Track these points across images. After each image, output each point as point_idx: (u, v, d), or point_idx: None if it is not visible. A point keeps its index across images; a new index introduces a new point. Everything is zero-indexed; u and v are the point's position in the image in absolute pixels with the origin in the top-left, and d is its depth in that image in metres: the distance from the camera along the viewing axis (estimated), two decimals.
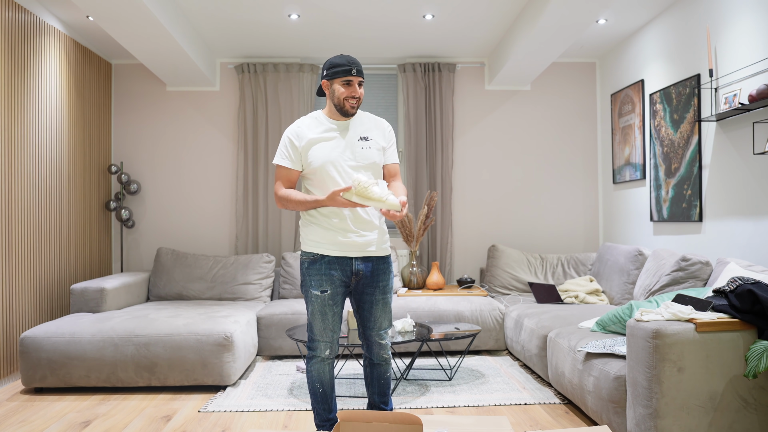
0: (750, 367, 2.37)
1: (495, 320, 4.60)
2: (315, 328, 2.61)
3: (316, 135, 2.60)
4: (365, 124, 2.68)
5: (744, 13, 3.59)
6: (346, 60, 2.57)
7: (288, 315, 4.52)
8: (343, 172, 2.57)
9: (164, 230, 5.66)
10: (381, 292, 2.66)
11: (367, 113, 2.74)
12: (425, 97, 5.63)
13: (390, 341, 2.78)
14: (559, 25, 4.15)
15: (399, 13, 4.61)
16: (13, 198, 4.00)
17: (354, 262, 2.59)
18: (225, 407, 3.43)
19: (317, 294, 2.58)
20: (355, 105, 2.58)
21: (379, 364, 2.77)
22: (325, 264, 2.58)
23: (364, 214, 2.60)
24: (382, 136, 2.68)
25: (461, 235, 5.77)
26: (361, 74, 2.58)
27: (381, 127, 2.71)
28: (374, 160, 2.63)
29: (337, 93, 2.57)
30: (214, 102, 5.70)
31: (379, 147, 2.65)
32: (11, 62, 3.98)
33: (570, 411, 3.34)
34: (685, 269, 3.60)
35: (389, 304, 2.70)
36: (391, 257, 2.73)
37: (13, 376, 4.02)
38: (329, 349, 2.63)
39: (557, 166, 5.82)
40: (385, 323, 2.71)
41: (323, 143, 2.59)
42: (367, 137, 2.63)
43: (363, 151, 2.60)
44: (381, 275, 2.65)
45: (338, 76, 2.55)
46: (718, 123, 3.87)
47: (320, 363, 2.64)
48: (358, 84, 2.58)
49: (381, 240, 2.66)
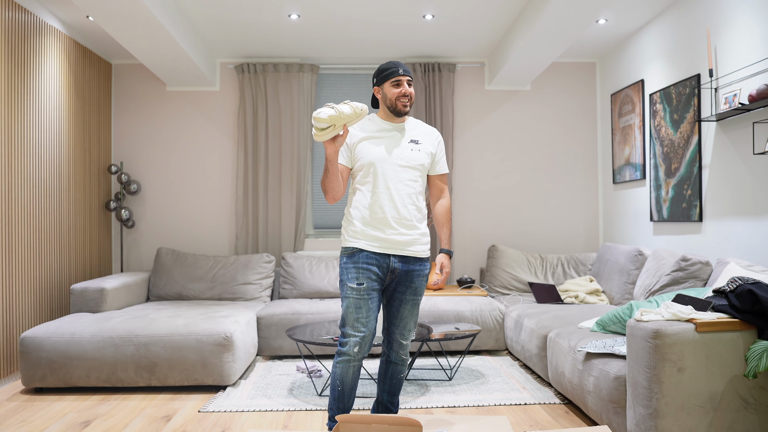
0: (750, 367, 2.37)
1: (495, 320, 4.60)
2: (348, 322, 2.60)
3: (368, 133, 2.68)
4: (417, 130, 2.76)
5: (744, 13, 3.59)
6: (392, 63, 2.69)
7: (288, 315, 4.52)
8: (391, 170, 2.64)
9: (164, 230, 5.66)
10: (413, 293, 2.70)
11: (420, 121, 2.82)
12: (425, 97, 5.63)
13: (411, 343, 2.80)
14: (559, 25, 4.15)
15: (399, 13, 4.61)
16: (13, 198, 4.00)
17: (392, 260, 2.63)
18: (225, 407, 3.43)
19: (353, 287, 2.59)
20: (407, 103, 2.67)
21: (395, 363, 2.79)
22: (363, 258, 2.61)
23: (405, 213, 2.64)
24: (432, 143, 2.76)
25: (461, 235, 5.77)
26: (408, 73, 2.69)
27: (432, 135, 2.79)
28: (422, 162, 2.71)
29: (389, 94, 2.67)
30: (214, 102, 5.70)
31: (428, 152, 2.73)
32: (11, 62, 3.98)
33: (570, 411, 3.34)
34: (685, 269, 3.60)
35: (418, 307, 2.74)
36: (429, 261, 2.76)
37: (13, 376, 4.02)
38: (358, 346, 2.59)
39: (557, 166, 5.82)
40: (411, 324, 2.75)
41: (374, 141, 2.66)
42: (417, 140, 2.71)
43: (412, 153, 2.68)
44: (416, 277, 2.69)
45: (387, 79, 2.66)
46: (718, 123, 3.87)
47: (346, 363, 2.61)
48: (407, 83, 2.67)
49: (421, 241, 2.69)
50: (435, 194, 2.84)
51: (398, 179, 2.64)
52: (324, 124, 2.41)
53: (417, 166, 2.68)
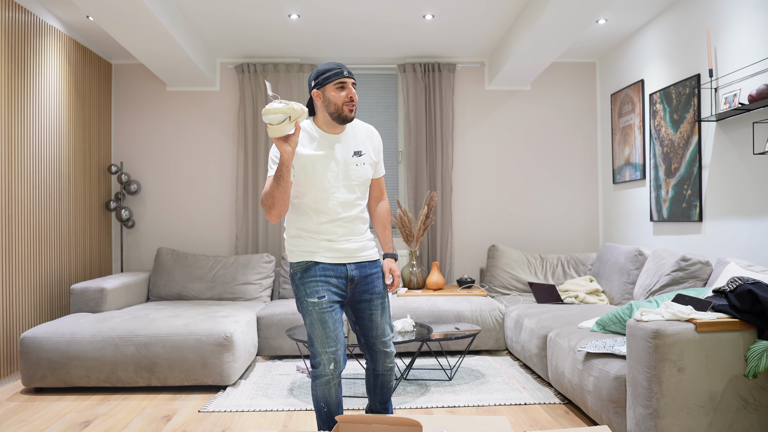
0: (750, 367, 2.37)
1: (495, 320, 4.60)
2: (316, 341, 2.43)
3: (310, 150, 2.45)
4: (358, 135, 2.55)
5: (744, 13, 3.59)
6: (334, 64, 2.46)
7: (288, 315, 4.52)
8: (337, 191, 2.47)
9: (164, 230, 5.66)
10: (379, 297, 2.57)
11: (355, 119, 2.58)
12: (425, 97, 5.63)
13: (395, 349, 2.67)
14: (559, 25, 4.15)
15: (399, 13, 4.61)
16: (13, 198, 4.00)
17: (348, 268, 2.50)
18: (225, 407, 3.43)
19: (314, 301, 2.42)
20: (353, 108, 2.45)
21: (384, 375, 2.65)
22: (319, 270, 2.45)
23: (351, 224, 2.53)
24: (374, 149, 2.59)
25: (461, 235, 5.77)
26: (352, 75, 2.47)
27: (372, 137, 2.61)
28: (368, 177, 2.56)
29: (334, 99, 2.42)
30: (214, 102, 5.70)
31: (371, 162, 2.56)
32: (11, 62, 3.98)
33: (570, 411, 3.34)
34: (685, 269, 3.60)
35: (388, 308, 2.61)
36: (380, 262, 2.69)
37: (13, 376, 4.02)
38: (333, 362, 2.43)
39: (557, 166, 5.82)
40: (388, 329, 2.59)
41: (317, 161, 2.44)
42: (360, 152, 2.52)
43: (357, 169, 2.50)
44: (375, 280, 2.57)
45: (330, 81, 2.42)
46: (718, 123, 3.87)
47: (325, 385, 2.45)
48: (351, 85, 2.45)
49: (370, 245, 2.60)
50: (375, 197, 2.69)
51: (345, 202, 2.48)
52: (281, 115, 2.18)
53: (362, 183, 2.53)
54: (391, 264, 2.64)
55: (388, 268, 2.63)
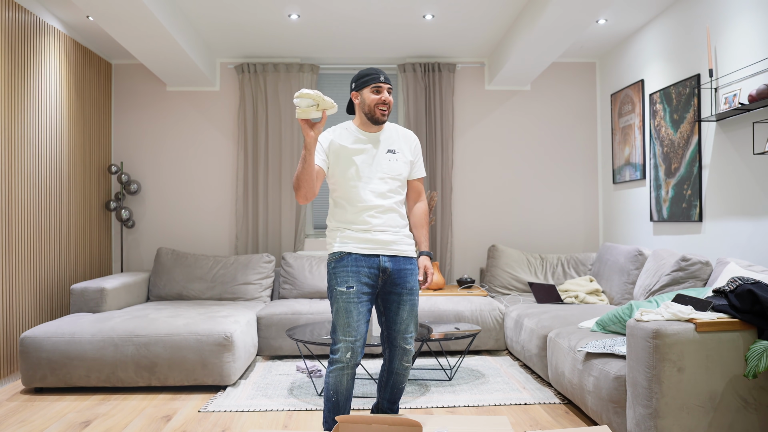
0: (750, 367, 2.37)
1: (495, 320, 4.60)
2: (338, 328, 2.54)
3: (345, 144, 2.64)
4: (393, 137, 2.71)
5: (744, 13, 3.59)
6: (373, 69, 2.66)
7: (288, 315, 4.52)
8: (370, 182, 2.61)
9: (164, 230, 5.66)
10: (409, 293, 2.64)
11: (396, 125, 2.78)
12: (425, 97, 5.63)
13: (414, 349, 2.71)
14: (559, 25, 4.15)
15: (399, 13, 4.61)
16: (13, 198, 4.00)
17: (381, 259, 2.59)
18: (225, 407, 3.43)
19: (342, 290, 2.54)
20: (385, 111, 2.62)
21: (398, 373, 2.72)
22: (351, 261, 2.56)
23: (385, 215, 2.63)
24: (410, 149, 2.74)
25: (461, 235, 5.77)
26: (389, 81, 2.65)
27: (408, 140, 2.75)
28: (401, 172, 2.68)
29: (368, 101, 2.62)
30: (214, 102, 5.70)
31: (406, 160, 2.70)
32: (11, 62, 3.98)
33: (570, 411, 3.34)
34: (685, 269, 3.60)
35: (416, 308, 2.68)
36: (416, 260, 2.75)
37: (13, 376, 4.02)
38: (350, 351, 2.52)
39: (557, 166, 5.83)
40: (412, 326, 2.67)
41: (352, 154, 2.62)
42: (394, 150, 2.68)
43: (390, 164, 2.65)
44: (408, 276, 2.64)
45: (367, 85, 2.62)
46: (718, 123, 3.87)
47: (339, 372, 2.54)
48: (387, 91, 2.63)
49: (407, 241, 2.68)
50: (412, 197, 2.82)
51: (378, 192, 2.61)
52: (309, 100, 2.37)
53: (395, 177, 2.66)
54: (426, 261, 2.73)
55: (423, 264, 2.72)
